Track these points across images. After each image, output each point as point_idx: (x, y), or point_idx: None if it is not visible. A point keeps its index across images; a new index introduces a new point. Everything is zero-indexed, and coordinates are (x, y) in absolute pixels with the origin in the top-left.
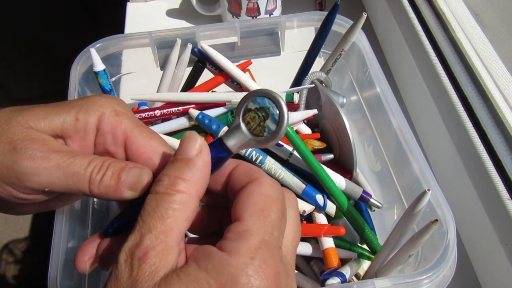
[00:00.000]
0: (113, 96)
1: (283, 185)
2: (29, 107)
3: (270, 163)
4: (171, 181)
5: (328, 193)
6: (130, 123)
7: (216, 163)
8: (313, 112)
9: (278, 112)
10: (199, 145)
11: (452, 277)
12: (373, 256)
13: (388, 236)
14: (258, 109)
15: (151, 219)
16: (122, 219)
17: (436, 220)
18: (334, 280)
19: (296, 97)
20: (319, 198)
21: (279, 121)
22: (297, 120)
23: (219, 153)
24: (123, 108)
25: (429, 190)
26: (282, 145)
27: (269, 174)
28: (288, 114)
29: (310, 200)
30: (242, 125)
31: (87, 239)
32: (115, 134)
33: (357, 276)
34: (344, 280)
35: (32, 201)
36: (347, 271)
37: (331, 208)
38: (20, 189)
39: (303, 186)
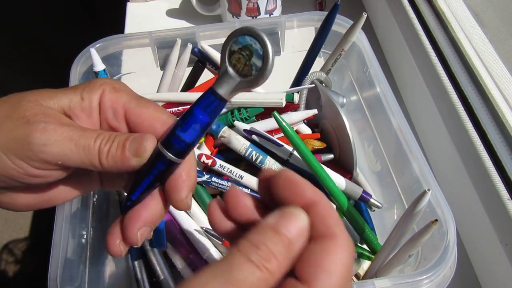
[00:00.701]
0: (114, 79)
1: None
2: (36, 90)
3: (270, 163)
4: (265, 255)
5: (328, 193)
6: (128, 96)
7: (212, 112)
8: (313, 112)
9: (261, 46)
10: (303, 226)
11: (452, 277)
12: (373, 256)
13: (388, 236)
14: (242, 49)
15: (222, 270)
16: (135, 190)
17: (436, 220)
18: None
19: (296, 97)
20: None
21: (263, 55)
22: (297, 120)
23: (213, 103)
24: (122, 86)
25: (429, 190)
26: (282, 145)
27: None
28: (271, 46)
29: None
30: (229, 69)
31: (113, 223)
32: (115, 108)
33: (357, 276)
34: None
35: (42, 180)
36: None
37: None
38: (34, 163)
39: None
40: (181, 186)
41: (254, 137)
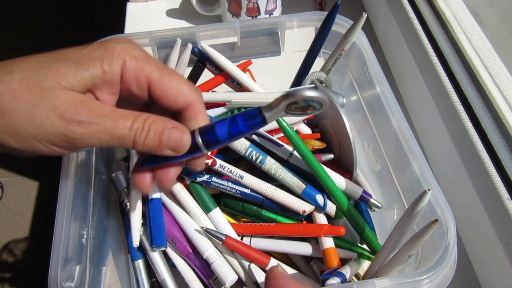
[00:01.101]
0: (126, 39)
1: (283, 184)
2: (51, 65)
3: (270, 163)
4: None
5: (328, 193)
6: (151, 67)
7: (250, 126)
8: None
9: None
10: None
11: (452, 277)
12: (373, 256)
13: (388, 236)
14: (303, 104)
15: None
16: (156, 161)
17: (436, 220)
18: (334, 280)
19: None
20: (319, 198)
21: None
22: (297, 120)
23: (256, 119)
24: (141, 53)
25: (429, 190)
26: (282, 145)
27: (269, 174)
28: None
29: (310, 200)
30: (285, 110)
31: (135, 169)
32: (138, 80)
33: (357, 276)
34: (344, 280)
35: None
36: (347, 271)
37: (331, 208)
38: (70, 150)
39: (303, 186)
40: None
41: (254, 136)
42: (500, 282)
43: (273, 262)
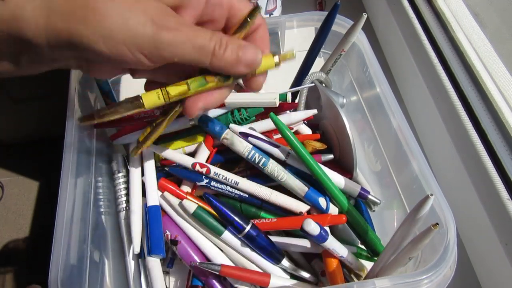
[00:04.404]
0: None
1: (286, 187)
2: None
3: (273, 166)
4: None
5: (328, 194)
6: None
7: None
8: (313, 112)
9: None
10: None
11: (452, 276)
12: (375, 258)
13: (390, 241)
14: None
15: None
16: None
17: (437, 224)
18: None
19: (289, 97)
20: (322, 201)
21: None
22: (296, 120)
23: None
24: None
25: (431, 195)
26: (279, 146)
27: (271, 176)
28: None
29: (313, 203)
30: None
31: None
32: (220, 4)
33: (357, 276)
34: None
35: (144, 68)
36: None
37: (334, 211)
38: (152, 58)
39: (306, 189)
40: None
41: (250, 139)
42: (500, 282)
43: (274, 279)
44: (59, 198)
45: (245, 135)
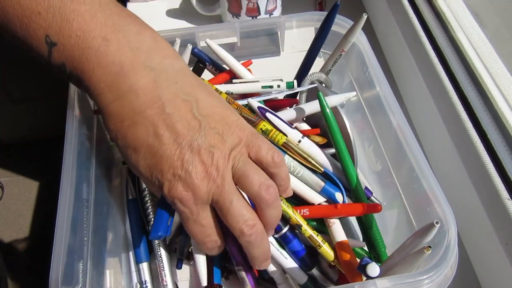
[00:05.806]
0: None
1: (302, 182)
2: None
3: (289, 161)
4: None
5: (351, 188)
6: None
7: None
8: (352, 94)
9: None
10: None
11: (453, 276)
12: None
13: (390, 256)
14: None
15: None
16: None
17: (429, 247)
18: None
19: (295, 84)
20: (338, 196)
21: None
22: (336, 103)
23: None
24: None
25: (437, 223)
26: (295, 129)
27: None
28: None
29: (329, 198)
30: None
31: None
32: None
33: None
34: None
35: None
36: None
37: None
38: None
39: (322, 184)
40: None
41: (268, 115)
42: (500, 282)
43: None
44: (59, 198)
45: (263, 110)
